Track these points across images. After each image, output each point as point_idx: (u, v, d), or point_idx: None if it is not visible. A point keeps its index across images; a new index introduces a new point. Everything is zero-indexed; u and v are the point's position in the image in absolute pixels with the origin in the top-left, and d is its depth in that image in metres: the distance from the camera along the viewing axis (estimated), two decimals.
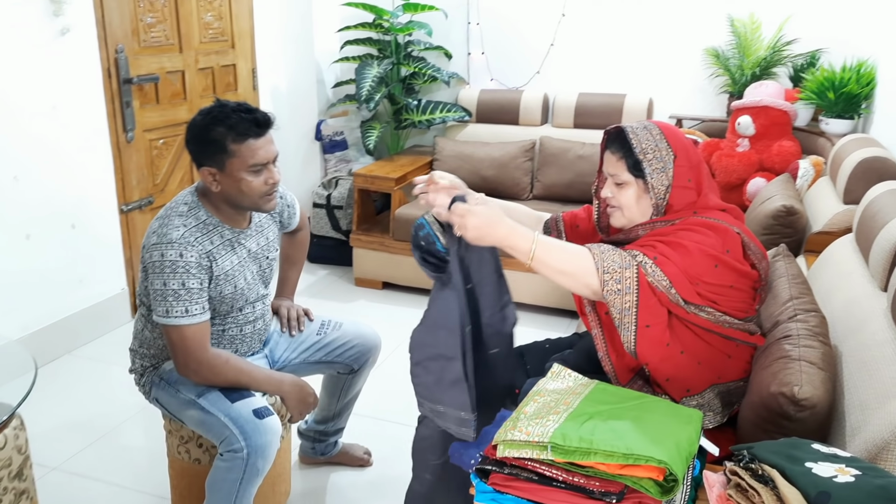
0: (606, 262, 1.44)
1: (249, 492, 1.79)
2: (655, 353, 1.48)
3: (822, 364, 1.46)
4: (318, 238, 4.15)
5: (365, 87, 3.87)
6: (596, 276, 1.44)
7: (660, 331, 1.46)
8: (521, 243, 1.43)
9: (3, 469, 1.64)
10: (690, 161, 1.57)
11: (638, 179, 1.59)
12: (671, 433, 1.17)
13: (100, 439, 2.49)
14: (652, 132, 1.58)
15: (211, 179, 1.82)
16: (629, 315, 1.44)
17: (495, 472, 1.18)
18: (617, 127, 1.62)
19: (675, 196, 1.56)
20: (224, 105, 1.80)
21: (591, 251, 1.47)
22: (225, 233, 1.87)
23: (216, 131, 1.78)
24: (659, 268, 1.45)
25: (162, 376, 1.92)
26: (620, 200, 1.61)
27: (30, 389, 1.73)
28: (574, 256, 1.46)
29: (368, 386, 2.88)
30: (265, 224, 2.03)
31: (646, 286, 1.44)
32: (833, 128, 3.24)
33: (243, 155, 1.78)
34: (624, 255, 1.46)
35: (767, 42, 3.59)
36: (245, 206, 1.88)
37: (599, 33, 3.96)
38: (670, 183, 1.56)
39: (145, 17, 3.25)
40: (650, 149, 1.57)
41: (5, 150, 2.69)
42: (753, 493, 1.11)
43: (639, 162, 1.56)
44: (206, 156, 1.80)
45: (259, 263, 1.98)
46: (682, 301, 1.45)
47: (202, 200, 1.87)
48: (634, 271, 1.44)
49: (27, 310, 2.86)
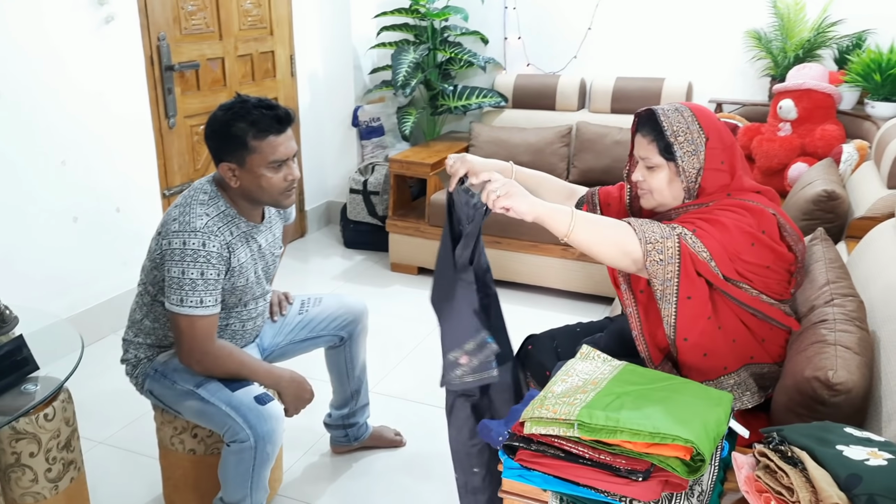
0: (647, 233, 1.44)
1: (263, 475, 1.83)
2: (695, 327, 1.47)
3: (858, 349, 1.44)
4: (354, 223, 4.20)
5: (401, 73, 3.89)
6: (638, 246, 1.43)
7: (701, 303, 1.46)
8: (559, 216, 1.44)
9: (53, 440, 1.71)
10: (723, 143, 1.55)
11: (669, 162, 1.57)
12: (699, 414, 1.17)
13: (143, 416, 2.57)
14: (683, 114, 1.57)
15: (230, 175, 1.82)
16: (671, 286, 1.45)
17: (522, 448, 1.20)
18: (648, 109, 1.61)
19: (708, 179, 1.55)
20: (245, 100, 1.80)
21: (631, 223, 1.47)
22: (241, 225, 1.88)
23: (237, 127, 1.77)
24: (699, 240, 1.45)
25: (157, 368, 1.92)
26: (651, 184, 1.61)
27: (76, 364, 1.79)
28: (613, 228, 1.47)
29: (400, 368, 2.92)
30: (274, 220, 2.04)
31: (687, 256, 1.44)
32: (879, 111, 3.16)
33: (264, 151, 1.78)
34: (664, 227, 1.46)
35: (811, 23, 3.50)
36: (264, 202, 1.88)
37: (637, 16, 3.90)
38: (702, 166, 1.54)
39: (186, 4, 3.31)
40: (681, 131, 1.55)
41: (54, 135, 2.78)
42: (782, 474, 1.10)
43: (670, 145, 1.55)
44: (227, 151, 1.80)
45: (266, 260, 1.99)
46: (722, 275, 1.45)
47: (220, 191, 1.87)
48: (676, 241, 1.44)
49: (75, 290, 2.96)
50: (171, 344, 1.96)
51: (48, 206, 2.80)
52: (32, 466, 1.69)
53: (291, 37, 4.07)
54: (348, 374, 2.28)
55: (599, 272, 3.40)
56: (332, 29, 4.26)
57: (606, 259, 1.48)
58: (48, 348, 1.86)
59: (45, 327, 2.07)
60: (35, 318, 2.01)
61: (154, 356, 1.97)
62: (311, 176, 4.41)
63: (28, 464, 1.69)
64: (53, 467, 1.73)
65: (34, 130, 2.71)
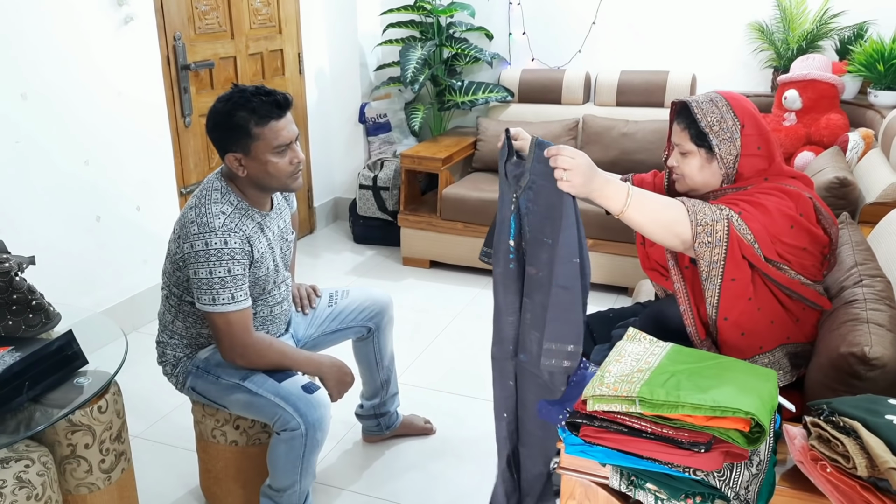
0: (700, 215, 1.50)
1: (312, 461, 1.88)
2: (736, 307, 1.54)
3: (891, 326, 1.50)
4: (364, 219, 4.24)
5: (409, 70, 3.93)
6: (689, 227, 1.49)
7: (743, 285, 1.52)
8: (617, 193, 1.47)
9: (106, 431, 1.75)
10: (759, 130, 1.62)
11: (700, 149, 1.64)
12: (753, 387, 1.23)
13: (174, 410, 2.61)
14: (717, 104, 1.63)
15: (237, 165, 1.84)
16: (717, 268, 1.50)
17: (586, 425, 1.25)
18: (682, 101, 1.67)
19: (745, 164, 1.61)
20: (243, 90, 1.82)
21: (685, 203, 1.52)
22: (255, 216, 1.90)
23: (239, 116, 1.79)
24: (745, 222, 1.50)
25: (198, 365, 1.96)
26: (683, 169, 1.68)
27: (124, 357, 1.83)
28: (667, 208, 1.52)
29: (421, 360, 2.98)
30: (282, 207, 2.06)
31: (734, 240, 1.49)
32: (882, 100, 3.24)
33: (267, 137, 1.80)
34: (714, 209, 1.51)
35: (813, 15, 3.58)
36: (273, 188, 1.90)
37: (641, 10, 3.97)
38: (738, 152, 1.61)
39: (200, 4, 3.34)
40: (716, 121, 1.61)
41: (78, 136, 2.81)
42: (836, 443, 1.16)
43: (703, 134, 1.61)
44: (231, 141, 1.82)
45: (280, 246, 2.02)
46: (764, 257, 1.51)
47: (230, 185, 1.88)
48: (725, 224, 1.49)
49: (99, 287, 2.99)
50: (206, 341, 2.00)
51: (73, 205, 2.83)
52: (87, 458, 1.73)
53: (299, 35, 4.10)
54: (377, 364, 2.33)
55: (610, 262, 3.46)
56: (338, 27, 4.30)
57: (656, 238, 1.53)
58: (89, 342, 1.89)
59: (81, 321, 2.10)
60: (70, 313, 2.04)
61: (192, 354, 2.00)
62: (318, 172, 4.45)
63: (83, 455, 1.73)
64: (107, 458, 1.77)
65: (59, 131, 2.74)
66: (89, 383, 1.74)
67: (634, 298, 2.45)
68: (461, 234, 3.75)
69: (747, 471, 1.18)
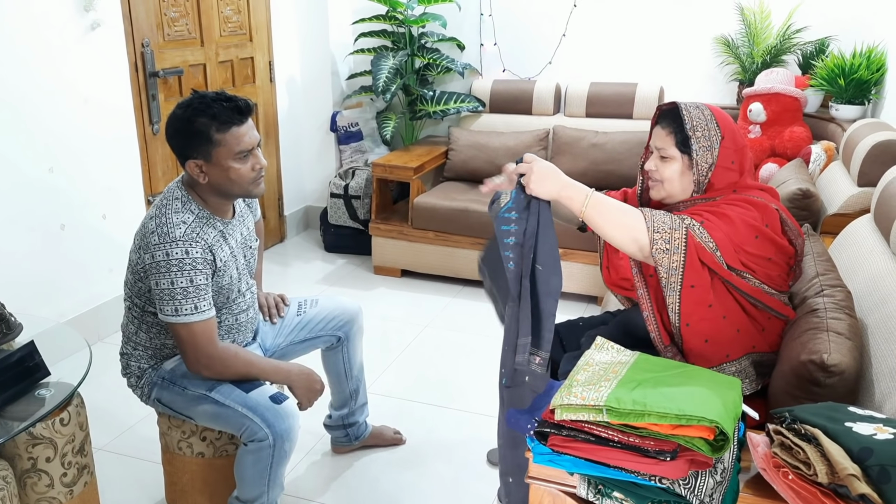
0: (657, 222, 1.53)
1: (280, 473, 1.87)
2: (696, 313, 1.57)
3: (849, 334, 1.54)
4: (335, 228, 4.22)
5: (381, 79, 3.94)
6: (646, 234, 1.52)
7: (703, 291, 1.55)
8: (577, 194, 1.52)
9: (68, 444, 1.72)
10: (736, 144, 1.65)
11: (683, 156, 1.66)
12: (718, 396, 1.25)
13: (139, 422, 2.56)
14: (703, 112, 1.66)
15: (198, 171, 1.81)
16: (675, 275, 1.53)
17: (554, 434, 1.26)
18: (672, 103, 1.69)
19: (717, 175, 1.64)
20: (203, 96, 1.79)
21: (643, 211, 1.55)
22: (217, 224, 1.88)
23: (199, 122, 1.77)
24: (706, 231, 1.53)
25: (164, 376, 1.93)
26: (663, 174, 1.69)
27: (87, 369, 1.80)
28: (625, 213, 1.55)
29: (392, 369, 2.97)
30: (245, 214, 2.05)
31: (693, 247, 1.52)
32: (843, 113, 3.32)
33: (229, 143, 1.78)
34: (674, 218, 1.54)
35: (777, 30, 3.66)
36: (235, 194, 1.88)
37: (610, 23, 4.03)
38: (714, 162, 1.63)
39: (169, 11, 3.31)
40: (700, 126, 1.64)
41: (42, 142, 2.76)
42: (798, 450, 1.19)
43: (687, 138, 1.64)
44: (192, 148, 1.79)
45: (244, 253, 2.01)
46: (726, 265, 1.54)
47: (191, 193, 1.86)
48: (683, 233, 1.52)
49: (64, 297, 2.94)
50: (171, 352, 1.97)
51: (36, 213, 2.78)
52: (49, 471, 1.70)
53: (270, 43, 4.09)
54: (347, 374, 2.32)
55: (580, 272, 3.49)
56: (309, 35, 4.29)
57: (615, 242, 1.56)
58: (52, 353, 1.86)
59: (44, 332, 2.06)
60: (32, 323, 2.00)
61: (157, 365, 1.97)
62: (289, 181, 4.42)
63: (44, 469, 1.69)
64: (69, 472, 1.73)
65: (23, 138, 2.69)
66: (51, 395, 1.71)
67: (603, 307, 2.47)
68: (433, 243, 3.76)
69: (712, 478, 1.20)
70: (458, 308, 3.51)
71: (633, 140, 3.75)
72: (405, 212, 3.91)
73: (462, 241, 3.67)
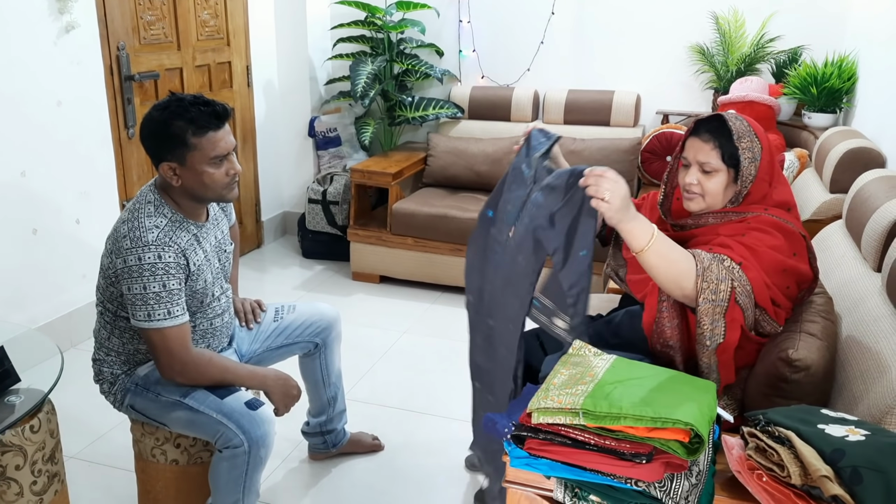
0: (706, 271, 1.48)
1: (256, 479, 1.84)
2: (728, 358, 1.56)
3: (821, 335, 1.56)
4: (313, 233, 4.20)
5: (360, 84, 3.93)
6: (693, 282, 1.48)
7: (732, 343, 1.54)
8: (643, 233, 1.46)
9: (38, 451, 1.68)
10: (772, 155, 1.63)
11: (729, 169, 1.62)
12: (693, 399, 1.26)
13: (112, 430, 2.52)
14: (744, 123, 1.62)
15: (171, 174, 1.79)
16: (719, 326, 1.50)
17: (530, 437, 1.26)
18: (717, 115, 1.63)
19: (756, 187, 1.61)
20: (181, 99, 1.78)
21: (696, 257, 1.50)
22: (191, 228, 1.86)
23: (175, 125, 1.75)
24: (744, 273, 1.50)
25: (137, 382, 1.90)
26: (706, 187, 1.63)
27: (59, 375, 1.77)
28: (679, 260, 1.49)
29: (370, 375, 2.95)
30: (219, 217, 2.03)
31: (734, 304, 1.49)
32: (816, 121, 3.37)
33: (204, 148, 1.77)
34: (720, 266, 1.49)
35: (751, 39, 3.71)
36: (209, 198, 1.86)
37: (588, 31, 4.06)
38: (756, 174, 1.60)
39: (145, 14, 3.28)
40: (745, 138, 1.60)
41: (13, 146, 2.71)
42: (772, 452, 1.20)
43: (735, 151, 1.59)
44: (167, 151, 1.77)
45: (219, 256, 1.99)
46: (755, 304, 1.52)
47: (164, 197, 1.84)
48: (729, 285, 1.48)
49: (35, 303, 2.89)
50: (145, 358, 1.94)
51: (8, 218, 2.73)
52: (18, 479, 1.66)
53: (248, 47, 4.06)
54: (324, 381, 2.30)
55: None
56: (288, 40, 4.28)
57: (661, 281, 1.51)
58: (22, 359, 1.82)
59: (15, 338, 2.03)
60: (2, 329, 1.97)
61: (131, 371, 1.93)
62: (267, 186, 4.40)
63: (14, 477, 1.66)
64: (39, 480, 1.70)
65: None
66: (21, 402, 1.68)
67: None
68: (411, 249, 3.75)
69: (687, 481, 1.20)
70: (437, 314, 3.51)
71: (611, 147, 3.78)
72: (384, 218, 3.90)
73: (441, 247, 3.67)
